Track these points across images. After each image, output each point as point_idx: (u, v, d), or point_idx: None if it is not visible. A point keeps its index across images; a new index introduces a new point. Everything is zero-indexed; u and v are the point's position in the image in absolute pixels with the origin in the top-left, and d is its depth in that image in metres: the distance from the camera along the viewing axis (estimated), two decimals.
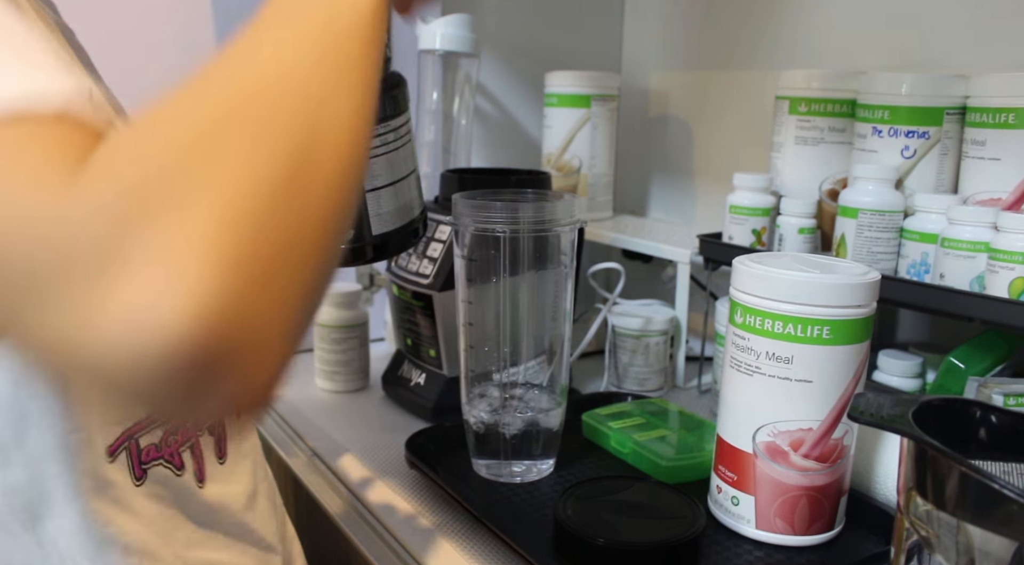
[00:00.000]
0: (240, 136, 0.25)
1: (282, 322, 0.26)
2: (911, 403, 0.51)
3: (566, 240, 0.75)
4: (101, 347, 0.23)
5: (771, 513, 0.65)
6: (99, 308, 0.23)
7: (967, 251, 0.74)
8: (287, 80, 0.28)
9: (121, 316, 0.22)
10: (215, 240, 0.23)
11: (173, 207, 0.23)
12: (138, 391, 0.23)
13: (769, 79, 1.01)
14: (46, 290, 0.23)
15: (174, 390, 0.24)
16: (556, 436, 0.78)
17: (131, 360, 0.23)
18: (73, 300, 0.23)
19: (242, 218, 0.24)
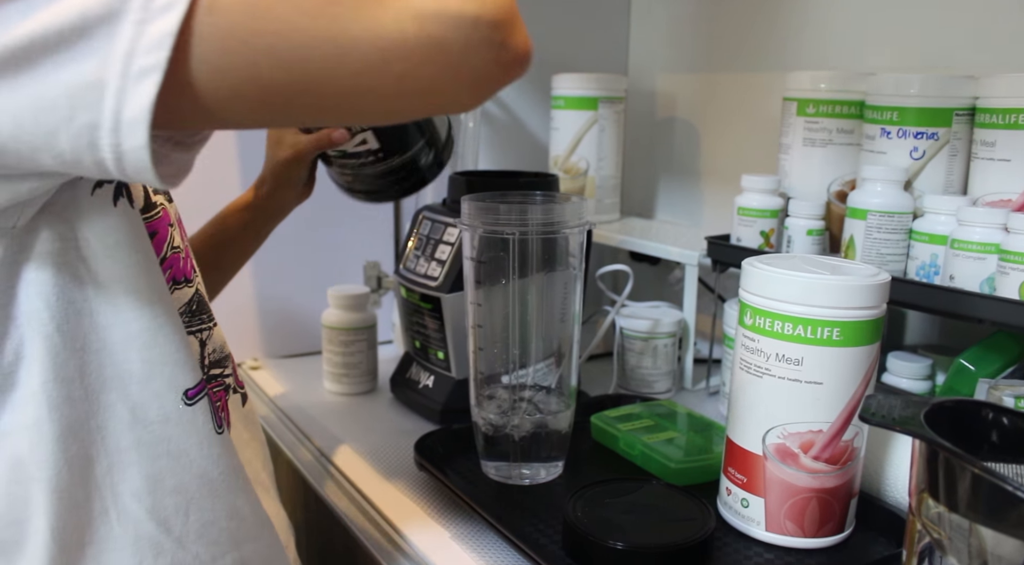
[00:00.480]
0: None
1: (516, 8, 0.41)
2: (923, 405, 0.51)
3: (575, 242, 0.75)
4: (459, 6, 0.38)
5: (781, 515, 0.65)
6: None
7: (977, 252, 0.74)
8: None
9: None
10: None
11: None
12: (481, 27, 0.38)
13: (776, 81, 1.01)
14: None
15: (500, 30, 0.39)
16: (565, 438, 0.78)
17: (474, 12, 0.38)
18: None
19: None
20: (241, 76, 0.37)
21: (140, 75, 0.35)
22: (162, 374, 0.49)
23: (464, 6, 0.38)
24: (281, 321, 1.15)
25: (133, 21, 0.34)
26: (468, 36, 0.38)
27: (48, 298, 0.45)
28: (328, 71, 0.37)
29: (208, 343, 0.58)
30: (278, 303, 1.14)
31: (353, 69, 0.37)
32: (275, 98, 0.38)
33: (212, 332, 0.59)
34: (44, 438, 0.46)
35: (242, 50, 0.36)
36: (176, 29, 0.34)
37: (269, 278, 1.13)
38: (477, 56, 0.39)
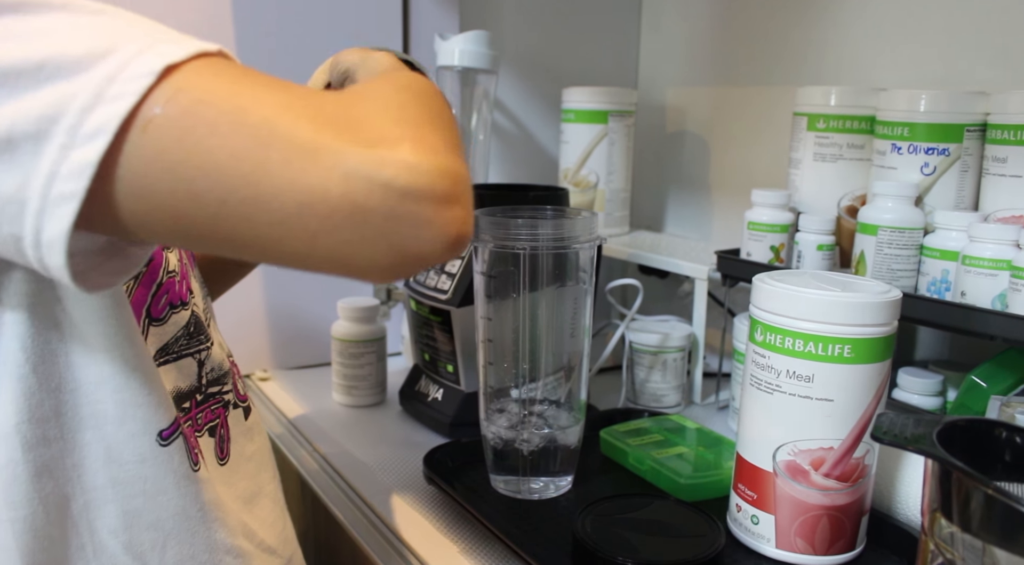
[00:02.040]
0: (419, 108, 0.42)
1: (469, 182, 0.40)
2: (935, 423, 0.50)
3: (585, 257, 0.75)
4: (393, 174, 0.36)
5: (791, 533, 0.65)
6: (387, 159, 0.36)
7: (989, 269, 0.74)
8: (434, 95, 0.46)
9: (401, 163, 0.36)
10: (436, 144, 0.38)
11: (415, 126, 0.39)
12: (408, 201, 0.36)
13: (786, 95, 1.01)
14: (338, 148, 0.36)
15: (431, 205, 0.37)
16: (574, 453, 0.78)
17: (407, 182, 0.36)
18: (366, 153, 0.36)
19: (440, 139, 0.40)
20: (158, 204, 0.36)
21: (59, 200, 0.35)
22: (135, 416, 0.49)
23: (398, 174, 0.36)
24: (291, 332, 1.15)
25: (59, 145, 0.35)
26: (392, 207, 0.36)
27: (24, 339, 0.45)
28: (243, 216, 0.36)
29: (206, 362, 0.59)
30: (288, 314, 1.14)
31: (268, 219, 0.36)
32: (189, 231, 0.37)
33: (210, 351, 0.59)
34: (18, 478, 0.46)
35: (163, 178, 0.35)
36: (98, 159, 0.34)
37: (279, 290, 1.13)
38: (398, 230, 0.36)
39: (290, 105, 0.37)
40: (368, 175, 0.35)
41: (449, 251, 0.38)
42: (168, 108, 0.35)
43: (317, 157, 0.35)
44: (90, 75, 0.35)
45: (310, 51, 1.09)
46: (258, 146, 0.35)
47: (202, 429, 0.57)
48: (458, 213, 0.38)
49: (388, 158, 0.36)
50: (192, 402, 0.57)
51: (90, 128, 0.34)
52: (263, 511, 0.62)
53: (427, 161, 0.37)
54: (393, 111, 0.39)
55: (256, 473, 0.63)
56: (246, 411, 0.64)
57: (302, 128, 0.36)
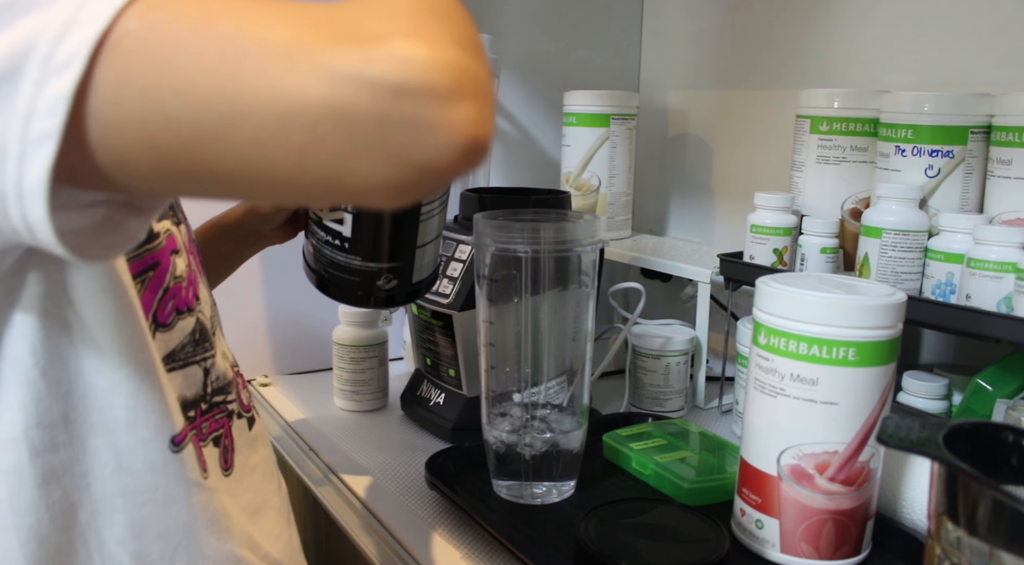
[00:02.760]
0: (420, 4, 0.36)
1: (488, 80, 0.35)
2: (941, 427, 0.50)
3: (587, 260, 0.74)
4: (383, 69, 0.31)
5: (796, 537, 0.64)
6: (375, 54, 0.32)
7: (994, 271, 0.73)
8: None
9: (392, 57, 0.32)
10: (436, 36, 0.33)
11: (412, 20, 0.34)
12: (419, 97, 0.31)
13: (789, 98, 1.01)
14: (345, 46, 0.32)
15: (432, 104, 0.32)
16: (577, 457, 0.77)
17: (399, 78, 0.31)
18: (368, 48, 0.32)
19: (444, 33, 0.34)
20: (133, 137, 0.33)
21: (37, 141, 0.32)
22: (148, 422, 0.48)
23: (388, 69, 0.31)
24: (292, 338, 1.15)
25: (33, 80, 0.32)
26: (385, 108, 0.31)
27: (33, 343, 0.44)
28: (221, 138, 0.32)
29: (211, 371, 0.58)
30: (289, 320, 1.14)
31: (248, 136, 0.32)
32: (168, 165, 0.34)
33: (215, 360, 0.59)
34: (25, 484, 0.45)
35: (135, 105, 0.32)
36: (71, 90, 0.31)
37: (280, 294, 1.13)
38: (396, 136, 0.32)
39: (267, 10, 0.33)
40: (353, 73, 0.31)
41: (463, 159, 0.33)
42: (137, 26, 0.32)
43: (295, 60, 0.31)
44: (61, 3, 0.32)
45: None
46: (230, 55, 0.32)
47: (207, 439, 0.57)
48: (467, 112, 0.32)
49: (376, 53, 0.31)
50: (197, 411, 0.56)
51: (62, 57, 0.31)
52: (268, 523, 0.62)
53: (424, 53, 0.32)
54: (388, 9, 0.34)
55: (261, 485, 0.62)
56: (250, 421, 0.63)
57: (278, 30, 0.32)
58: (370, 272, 0.68)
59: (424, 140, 0.32)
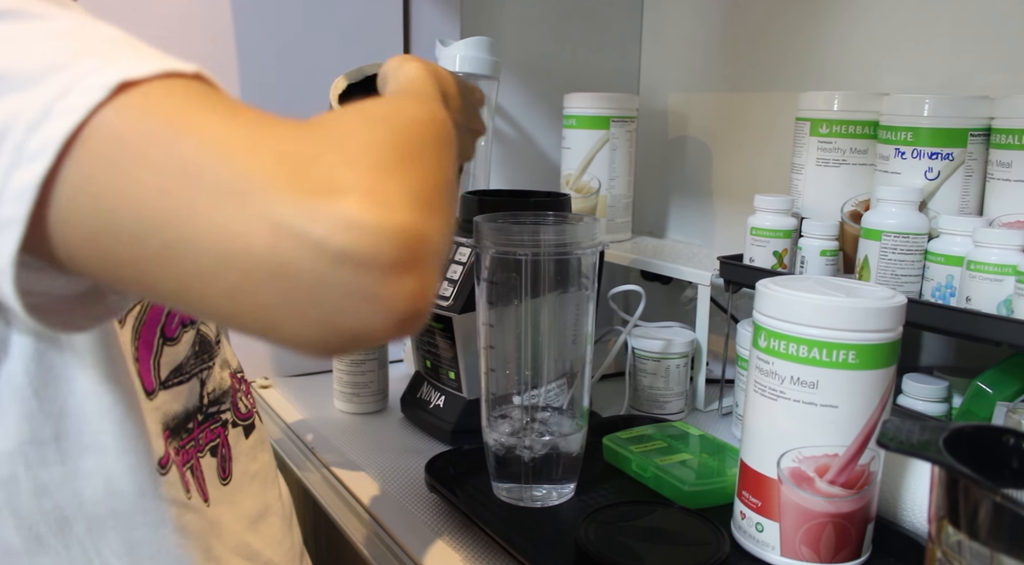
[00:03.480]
0: (391, 147, 0.35)
1: (440, 243, 0.34)
2: (941, 430, 0.50)
3: (587, 263, 0.74)
4: (327, 231, 0.30)
5: (796, 540, 0.64)
6: (324, 212, 0.30)
7: (994, 274, 0.73)
8: (422, 127, 0.38)
9: (341, 218, 0.30)
10: (395, 196, 0.32)
11: (376, 171, 0.33)
12: (355, 266, 0.30)
13: (789, 100, 1.01)
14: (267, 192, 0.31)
15: (373, 275, 0.31)
16: (577, 460, 0.77)
17: (343, 244, 0.30)
18: (304, 202, 0.30)
19: (406, 189, 0.33)
20: (84, 237, 0.32)
21: (4, 224, 0.32)
22: (136, 448, 0.48)
23: (333, 232, 0.30)
24: None
25: (5, 165, 0.32)
26: (322, 272, 0.30)
27: (27, 362, 0.44)
28: (165, 261, 0.31)
29: (207, 382, 0.58)
30: None
31: (189, 267, 0.31)
32: (112, 272, 0.33)
33: (212, 371, 0.59)
34: (21, 493, 0.46)
35: (91, 207, 0.32)
36: (38, 181, 0.31)
37: None
38: (331, 301, 0.31)
39: (233, 133, 0.32)
40: (299, 229, 0.30)
41: (396, 331, 0.32)
42: (106, 129, 0.32)
43: (246, 199, 0.30)
44: (44, 88, 0.32)
45: (311, 57, 1.09)
46: (186, 180, 0.31)
47: (204, 449, 0.57)
48: (409, 286, 0.31)
49: (325, 211, 0.30)
50: (195, 422, 0.56)
51: (34, 146, 0.31)
52: (270, 529, 0.62)
53: (374, 219, 0.30)
54: (353, 149, 0.33)
55: (262, 491, 0.62)
56: (247, 429, 0.63)
57: (238, 163, 0.31)
58: None
59: (359, 309, 0.31)
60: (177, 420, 0.54)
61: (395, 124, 0.37)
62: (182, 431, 0.54)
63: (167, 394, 0.53)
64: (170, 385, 0.53)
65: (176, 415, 0.54)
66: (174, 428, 0.53)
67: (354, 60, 1.11)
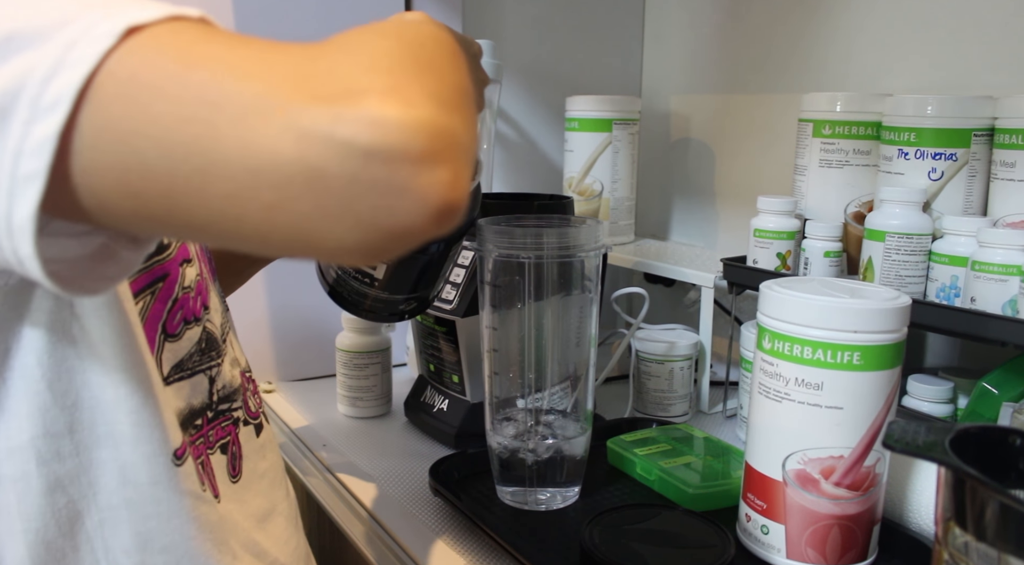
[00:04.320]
0: (404, 56, 0.35)
1: (466, 138, 0.34)
2: (947, 431, 0.50)
3: (590, 265, 0.74)
4: (354, 131, 0.31)
5: (802, 542, 0.64)
6: (347, 114, 0.31)
7: (998, 274, 0.73)
8: (431, 41, 0.39)
9: (364, 117, 0.31)
10: (413, 94, 0.32)
11: (392, 74, 0.33)
12: (392, 159, 0.31)
13: (791, 101, 1.01)
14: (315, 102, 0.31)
15: (404, 168, 0.31)
16: (581, 463, 0.77)
17: (370, 141, 0.31)
18: (339, 104, 0.31)
19: (423, 89, 0.33)
20: (112, 182, 0.33)
21: (25, 180, 0.32)
22: (152, 437, 0.48)
23: (359, 130, 0.30)
24: (295, 344, 1.15)
25: (23, 120, 0.32)
26: (355, 171, 0.31)
27: (40, 355, 0.44)
28: (195, 190, 0.32)
29: (217, 379, 0.58)
30: (292, 326, 1.14)
31: (220, 190, 0.32)
32: (145, 212, 0.33)
33: (221, 368, 0.59)
34: (32, 491, 0.45)
35: (115, 150, 0.32)
36: (56, 132, 0.32)
37: (284, 301, 1.13)
38: (366, 199, 0.31)
39: (246, 60, 0.33)
40: (325, 134, 0.30)
41: (434, 223, 0.32)
42: (120, 70, 0.32)
43: (269, 115, 0.31)
44: (54, 42, 0.32)
45: None
46: (205, 106, 0.31)
47: (214, 446, 0.57)
48: (441, 176, 0.32)
49: (348, 113, 0.31)
50: (204, 419, 0.56)
51: (50, 99, 0.32)
52: (277, 529, 0.62)
53: (397, 114, 0.31)
54: (367, 59, 0.34)
55: (270, 491, 0.62)
56: (257, 428, 0.63)
57: (255, 83, 0.32)
58: (395, 301, 0.72)
59: (394, 205, 0.31)
60: (183, 416, 0.54)
61: (405, 37, 0.38)
62: (190, 427, 0.54)
63: (169, 390, 0.53)
64: (171, 381, 0.53)
65: (180, 411, 0.54)
66: (181, 423, 0.53)
67: None
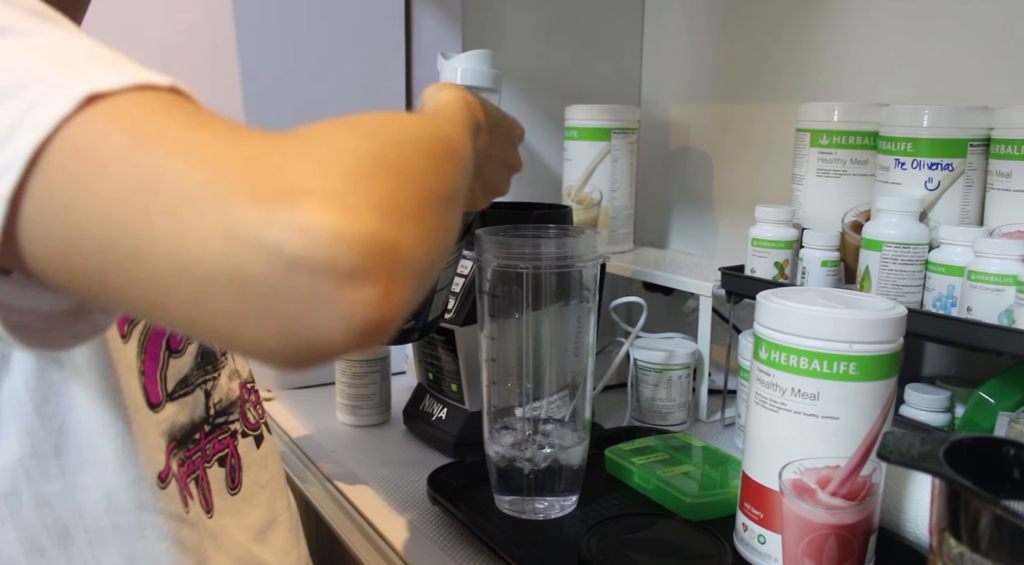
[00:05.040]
0: (373, 156, 0.34)
1: (415, 255, 0.33)
2: (941, 442, 0.50)
3: (588, 275, 0.74)
4: (282, 237, 0.29)
5: (799, 552, 0.64)
6: (279, 217, 0.30)
7: (995, 284, 0.73)
8: (414, 140, 0.38)
9: (295, 223, 0.30)
10: (360, 203, 0.31)
11: (348, 178, 0.32)
12: (311, 272, 0.30)
13: (789, 111, 1.01)
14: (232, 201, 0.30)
15: (329, 282, 0.30)
16: (579, 472, 0.77)
17: (297, 249, 0.29)
18: (263, 210, 0.30)
19: (377, 197, 0.32)
20: (52, 250, 0.32)
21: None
22: (136, 463, 0.49)
23: (287, 237, 0.29)
24: None
25: None
26: (277, 279, 0.29)
27: (28, 378, 0.45)
28: (125, 272, 0.31)
29: (213, 393, 0.58)
30: None
31: (148, 276, 0.31)
32: (82, 285, 0.33)
33: (216, 381, 0.59)
34: (23, 506, 0.46)
35: (53, 223, 0.32)
36: (7, 196, 0.31)
37: None
38: (287, 309, 0.30)
39: (197, 144, 0.32)
40: (254, 236, 0.29)
41: (357, 340, 0.31)
42: (69, 142, 0.31)
43: (203, 209, 0.30)
44: (13, 103, 0.32)
45: (312, 71, 1.09)
46: (143, 190, 0.31)
47: (211, 460, 0.57)
48: (368, 294, 0.30)
49: (281, 216, 0.29)
50: (201, 433, 0.56)
51: (2, 162, 0.31)
52: (278, 540, 0.62)
53: (331, 223, 0.29)
54: (325, 157, 0.32)
55: (271, 502, 0.63)
56: (258, 439, 0.63)
57: (199, 172, 0.31)
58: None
59: (315, 318, 0.30)
60: (184, 431, 0.54)
61: (380, 135, 0.36)
62: (188, 442, 0.54)
63: (174, 406, 0.53)
64: (177, 397, 0.53)
65: (183, 426, 0.54)
66: (180, 439, 0.54)
67: (356, 74, 1.12)
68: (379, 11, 1.13)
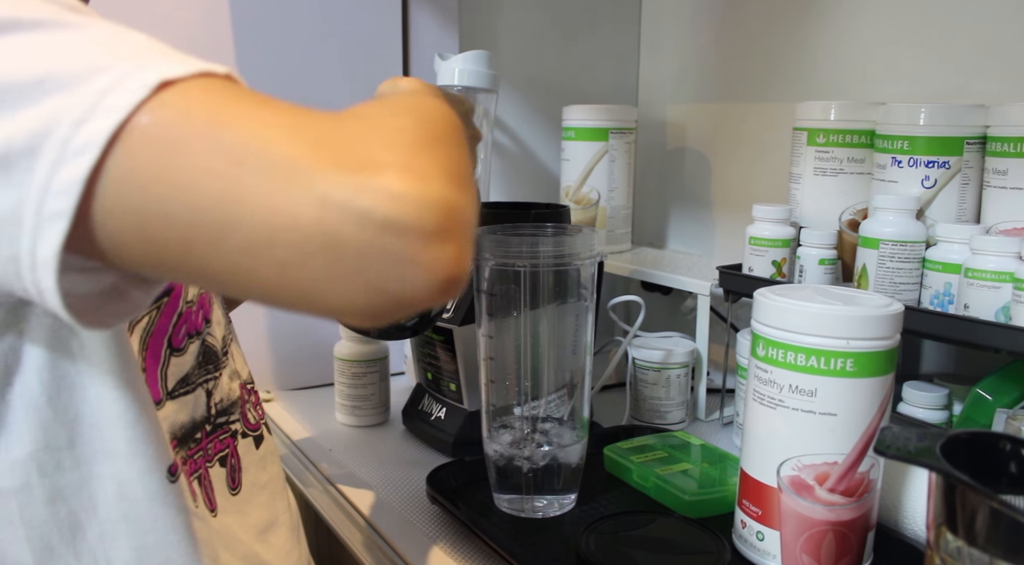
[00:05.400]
0: (417, 132, 0.38)
1: (472, 216, 0.36)
2: (938, 437, 0.50)
3: (586, 274, 0.75)
4: (372, 203, 0.32)
5: (797, 549, 0.64)
6: (368, 185, 0.33)
7: (991, 281, 0.74)
8: (441, 118, 0.42)
9: (383, 191, 0.33)
10: (428, 172, 0.35)
11: (408, 151, 0.35)
12: (400, 233, 0.33)
13: (786, 110, 1.01)
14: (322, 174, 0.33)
15: (416, 242, 0.33)
16: (578, 470, 0.77)
17: (387, 213, 0.33)
18: (352, 180, 0.33)
19: (437, 166, 0.35)
20: (130, 226, 0.34)
21: (50, 219, 0.33)
22: (146, 454, 0.49)
23: (377, 203, 0.32)
24: (293, 353, 1.15)
25: (50, 161, 0.33)
26: (368, 240, 0.32)
27: (40, 371, 0.45)
28: (213, 241, 0.33)
29: (214, 392, 0.58)
30: (290, 335, 1.14)
31: (237, 244, 0.33)
32: (159, 257, 0.35)
33: (218, 381, 0.59)
34: (35, 501, 0.46)
35: (137, 196, 0.33)
36: (85, 176, 0.33)
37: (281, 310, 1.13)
38: (377, 268, 0.33)
39: (274, 122, 0.34)
40: (344, 202, 0.32)
41: (438, 295, 0.34)
42: (150, 122, 0.33)
43: (292, 178, 0.32)
44: (87, 88, 0.34)
45: (310, 73, 1.09)
46: (232, 164, 0.33)
47: (212, 459, 0.57)
48: (449, 252, 0.34)
49: (369, 185, 0.33)
50: (203, 432, 0.57)
51: (79, 143, 0.33)
52: (279, 540, 0.62)
53: (414, 190, 0.33)
54: (386, 134, 0.36)
55: (271, 502, 0.63)
56: (257, 440, 0.64)
57: (280, 146, 0.33)
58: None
59: (404, 275, 0.33)
60: (184, 430, 0.54)
61: (419, 114, 0.40)
62: (190, 441, 0.55)
63: (173, 404, 0.53)
64: (176, 395, 0.53)
65: (183, 425, 0.54)
66: (181, 438, 0.54)
67: (354, 75, 1.12)
68: (376, 12, 1.13)
